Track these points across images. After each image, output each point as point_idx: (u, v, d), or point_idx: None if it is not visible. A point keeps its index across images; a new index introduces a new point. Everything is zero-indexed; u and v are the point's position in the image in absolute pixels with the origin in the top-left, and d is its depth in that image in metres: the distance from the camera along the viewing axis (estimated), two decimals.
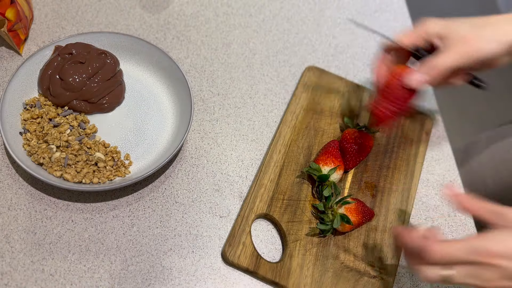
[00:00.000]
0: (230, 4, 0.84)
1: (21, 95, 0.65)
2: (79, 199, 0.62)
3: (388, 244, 0.64)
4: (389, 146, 0.73)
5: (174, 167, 0.66)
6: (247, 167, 0.68)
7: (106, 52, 0.68)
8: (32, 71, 0.66)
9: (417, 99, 0.62)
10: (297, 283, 0.59)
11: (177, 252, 0.60)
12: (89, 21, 0.77)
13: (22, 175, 0.62)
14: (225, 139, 0.70)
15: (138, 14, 0.79)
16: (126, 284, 0.57)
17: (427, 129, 0.76)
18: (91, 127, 0.65)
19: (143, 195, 0.63)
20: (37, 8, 0.77)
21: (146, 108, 0.69)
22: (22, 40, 0.72)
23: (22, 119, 0.63)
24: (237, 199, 0.65)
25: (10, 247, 0.57)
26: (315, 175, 0.65)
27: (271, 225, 0.64)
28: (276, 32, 0.83)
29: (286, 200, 0.65)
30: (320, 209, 0.64)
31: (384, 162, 0.71)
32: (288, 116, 0.72)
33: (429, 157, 0.75)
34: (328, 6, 0.88)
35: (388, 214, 0.67)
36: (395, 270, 0.63)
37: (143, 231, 0.61)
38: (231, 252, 0.59)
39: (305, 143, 0.70)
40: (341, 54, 0.83)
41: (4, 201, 0.60)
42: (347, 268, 0.62)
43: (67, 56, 0.66)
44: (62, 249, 0.58)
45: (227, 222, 0.63)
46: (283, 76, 0.78)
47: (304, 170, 0.67)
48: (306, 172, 0.66)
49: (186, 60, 0.76)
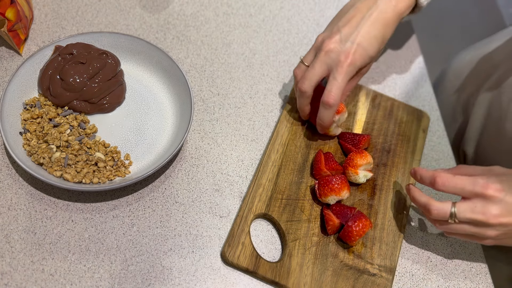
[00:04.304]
0: (230, 4, 0.84)
1: (21, 95, 0.65)
2: (79, 199, 0.62)
3: (387, 242, 0.64)
4: (386, 144, 0.73)
5: (174, 167, 0.66)
6: (247, 167, 0.68)
7: (107, 52, 0.68)
8: (32, 71, 0.67)
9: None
10: (297, 282, 0.59)
11: (177, 252, 0.60)
12: (89, 21, 0.77)
13: (22, 175, 0.62)
14: (225, 139, 0.70)
15: (138, 14, 0.79)
16: (126, 284, 0.57)
17: (424, 126, 0.76)
18: (91, 127, 0.65)
19: (143, 195, 0.63)
20: (37, 8, 0.77)
21: (146, 108, 0.69)
22: (22, 40, 0.72)
23: (22, 119, 0.63)
24: (237, 199, 0.65)
25: (10, 247, 0.57)
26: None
27: (270, 225, 0.64)
28: (276, 32, 0.83)
29: (285, 199, 0.65)
30: None
31: (381, 160, 0.71)
32: (285, 116, 0.72)
33: (429, 157, 0.75)
34: (328, 6, 0.88)
35: (387, 212, 0.67)
36: (394, 268, 0.63)
37: (143, 231, 0.61)
38: (231, 252, 0.59)
39: (302, 142, 0.70)
40: None
41: (4, 201, 0.60)
42: (347, 267, 0.62)
43: (68, 56, 0.66)
44: (62, 249, 0.58)
45: (227, 222, 0.63)
46: (283, 76, 0.78)
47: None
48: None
49: (186, 60, 0.76)
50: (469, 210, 0.56)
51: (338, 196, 0.63)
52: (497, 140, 0.75)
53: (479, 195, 0.55)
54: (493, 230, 0.56)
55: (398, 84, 0.82)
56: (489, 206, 0.55)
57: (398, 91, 0.81)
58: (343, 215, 0.62)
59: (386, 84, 0.82)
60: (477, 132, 0.78)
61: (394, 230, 0.66)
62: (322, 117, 0.65)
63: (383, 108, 0.77)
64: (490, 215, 0.55)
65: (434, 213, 0.58)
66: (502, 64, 0.76)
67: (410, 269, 0.65)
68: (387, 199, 0.68)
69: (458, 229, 0.58)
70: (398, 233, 0.66)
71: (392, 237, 0.65)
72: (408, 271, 0.64)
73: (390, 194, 0.69)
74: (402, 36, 0.88)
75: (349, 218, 0.62)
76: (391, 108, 0.77)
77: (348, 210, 0.63)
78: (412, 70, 0.84)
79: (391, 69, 0.84)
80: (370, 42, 0.64)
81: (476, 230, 0.57)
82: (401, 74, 0.83)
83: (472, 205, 0.56)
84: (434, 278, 0.65)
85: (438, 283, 0.64)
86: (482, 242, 0.58)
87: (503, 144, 0.74)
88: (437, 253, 0.67)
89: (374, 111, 0.76)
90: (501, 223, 0.55)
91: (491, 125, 0.75)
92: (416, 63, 0.85)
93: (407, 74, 0.84)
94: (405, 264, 0.65)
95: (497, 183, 0.55)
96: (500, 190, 0.54)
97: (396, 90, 0.81)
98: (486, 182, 0.55)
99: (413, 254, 0.66)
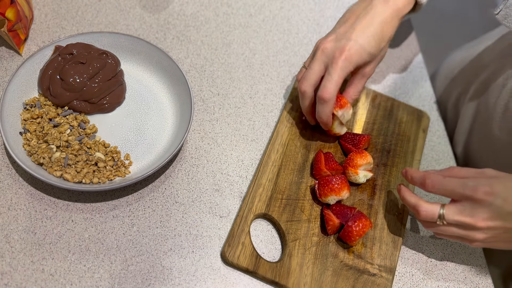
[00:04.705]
0: (230, 4, 0.84)
1: (21, 95, 0.65)
2: (79, 199, 0.62)
3: (387, 242, 0.64)
4: (386, 144, 0.73)
5: (174, 167, 0.66)
6: (247, 167, 0.68)
7: (107, 52, 0.68)
8: (32, 71, 0.67)
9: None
10: (297, 282, 0.59)
11: (177, 252, 0.60)
12: (89, 21, 0.77)
13: (22, 175, 0.62)
14: (225, 139, 0.70)
15: (138, 14, 0.79)
16: (126, 284, 0.57)
17: (424, 126, 0.76)
18: (91, 127, 0.65)
19: (143, 195, 0.63)
20: (37, 8, 0.77)
21: (146, 108, 0.69)
22: (22, 40, 0.72)
23: (22, 119, 0.63)
24: (237, 199, 0.65)
25: (10, 247, 0.57)
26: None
27: (270, 225, 0.64)
28: (276, 32, 0.83)
29: (285, 199, 0.65)
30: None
31: (381, 160, 0.71)
32: (285, 116, 0.72)
33: (429, 157, 0.75)
34: (328, 6, 0.88)
35: (387, 212, 0.67)
36: (394, 268, 0.63)
37: (143, 231, 0.61)
38: (231, 252, 0.60)
39: (302, 142, 0.70)
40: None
41: (4, 201, 0.60)
42: (347, 267, 0.62)
43: (68, 56, 0.66)
44: (62, 249, 0.58)
45: (227, 222, 0.63)
46: (283, 76, 0.78)
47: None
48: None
49: (186, 60, 0.76)
50: (457, 212, 0.55)
51: (338, 196, 0.63)
52: (485, 141, 0.74)
53: (468, 198, 0.55)
54: (482, 233, 0.56)
55: (398, 84, 0.82)
56: (477, 209, 0.54)
57: (398, 91, 0.81)
58: (343, 215, 0.62)
59: (386, 84, 0.82)
60: (466, 133, 0.78)
61: (394, 230, 0.66)
62: (319, 112, 0.65)
63: (383, 108, 0.77)
64: (478, 218, 0.54)
65: (422, 214, 0.57)
66: (491, 65, 0.75)
67: (410, 269, 0.65)
68: (387, 199, 0.68)
69: (446, 231, 0.57)
70: (398, 233, 0.66)
71: (392, 237, 0.65)
72: (408, 271, 0.64)
73: (390, 194, 0.69)
74: (402, 36, 0.88)
75: (349, 218, 0.62)
76: (391, 108, 0.77)
77: (348, 210, 0.63)
78: (412, 70, 0.84)
79: (391, 69, 0.84)
80: (366, 39, 0.64)
81: (464, 233, 0.56)
82: (401, 74, 0.83)
83: (461, 208, 0.55)
84: (434, 278, 0.65)
85: (438, 283, 0.64)
86: (471, 244, 0.58)
87: (491, 145, 0.73)
88: (437, 253, 0.67)
89: (374, 111, 0.76)
90: (489, 226, 0.54)
91: (479, 126, 0.75)
92: (416, 63, 0.85)
93: (407, 74, 0.84)
94: (405, 264, 0.65)
95: (487, 186, 0.54)
96: (489, 193, 0.54)
97: (396, 90, 0.81)
98: (475, 185, 0.55)
99: (413, 254, 0.66)
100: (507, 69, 0.70)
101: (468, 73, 0.80)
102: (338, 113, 0.66)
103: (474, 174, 0.58)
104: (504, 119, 0.69)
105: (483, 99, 0.74)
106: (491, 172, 0.57)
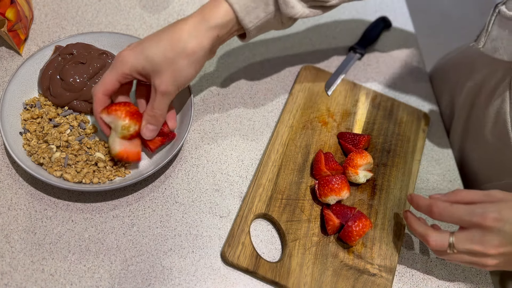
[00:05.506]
0: None
1: (21, 95, 0.65)
2: (79, 199, 0.62)
3: (387, 242, 0.64)
4: (386, 144, 0.73)
5: (174, 167, 0.66)
6: (247, 167, 0.68)
7: (107, 52, 0.68)
8: (32, 71, 0.67)
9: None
10: (297, 282, 0.59)
11: (177, 252, 0.60)
12: (89, 21, 0.77)
13: (22, 175, 0.62)
14: (225, 139, 0.70)
15: (138, 14, 0.79)
16: (126, 284, 0.57)
17: (424, 126, 0.76)
18: (91, 127, 0.65)
19: (143, 195, 0.63)
20: (37, 8, 0.77)
21: None
22: (22, 40, 0.72)
23: (22, 119, 0.63)
24: (237, 199, 0.65)
25: (10, 247, 0.57)
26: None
27: (270, 225, 0.64)
28: (275, 32, 0.83)
29: (285, 199, 0.65)
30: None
31: (381, 160, 0.71)
32: (285, 116, 0.72)
33: (429, 157, 0.75)
34: None
35: (387, 212, 0.67)
36: (394, 268, 0.63)
37: (143, 231, 0.61)
38: (231, 252, 0.59)
39: (302, 142, 0.70)
40: (341, 54, 0.83)
41: (4, 201, 0.60)
42: (347, 267, 0.62)
43: (68, 57, 0.66)
44: (62, 249, 0.58)
45: (227, 222, 0.63)
46: (283, 76, 0.78)
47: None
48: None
49: None
50: (467, 240, 0.55)
51: (338, 196, 0.63)
52: (478, 145, 0.74)
53: (477, 225, 0.54)
54: (493, 260, 0.55)
55: (398, 84, 0.82)
56: (487, 236, 0.53)
57: (398, 91, 0.81)
58: (343, 215, 0.62)
59: (386, 84, 0.82)
60: (460, 136, 0.78)
61: (394, 230, 0.66)
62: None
63: (383, 108, 0.77)
64: (489, 246, 0.54)
65: (432, 244, 0.57)
66: (483, 69, 0.74)
67: (410, 269, 0.65)
68: (387, 199, 0.68)
69: (457, 258, 0.57)
70: (398, 233, 0.66)
71: (392, 237, 0.65)
72: (408, 271, 0.64)
73: (390, 194, 0.69)
74: (402, 36, 0.88)
75: (349, 218, 0.62)
76: (391, 108, 0.77)
77: (348, 210, 0.63)
78: (412, 70, 0.84)
79: (391, 69, 0.84)
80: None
81: (476, 260, 0.56)
82: (401, 74, 0.83)
83: (471, 235, 0.54)
84: (434, 278, 0.65)
85: (438, 283, 0.64)
86: (483, 268, 0.57)
87: (484, 150, 0.73)
88: None
89: (374, 111, 0.76)
90: (500, 253, 0.54)
91: (472, 129, 0.75)
92: (416, 63, 0.85)
93: (407, 74, 0.84)
94: (405, 264, 0.65)
95: (495, 212, 0.53)
96: (498, 220, 0.53)
97: (396, 90, 0.81)
98: (483, 212, 0.54)
99: (413, 254, 0.66)
100: (499, 74, 0.70)
101: (461, 75, 0.80)
102: (104, 117, 0.60)
103: (481, 197, 0.56)
104: (496, 124, 0.69)
105: (476, 103, 0.74)
106: (498, 194, 0.56)
